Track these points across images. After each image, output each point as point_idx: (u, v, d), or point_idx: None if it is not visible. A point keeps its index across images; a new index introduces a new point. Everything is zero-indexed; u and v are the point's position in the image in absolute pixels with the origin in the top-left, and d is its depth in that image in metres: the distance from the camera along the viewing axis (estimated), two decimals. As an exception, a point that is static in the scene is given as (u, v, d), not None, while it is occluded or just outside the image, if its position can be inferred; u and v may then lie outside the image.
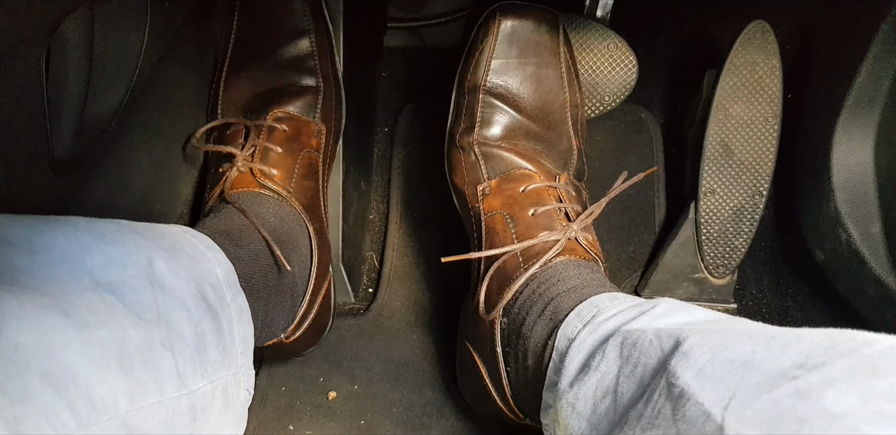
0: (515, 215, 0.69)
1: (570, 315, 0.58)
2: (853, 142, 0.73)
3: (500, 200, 0.71)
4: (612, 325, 0.53)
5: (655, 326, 0.50)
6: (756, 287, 0.89)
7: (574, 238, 0.66)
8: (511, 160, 0.73)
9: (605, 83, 0.79)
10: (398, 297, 0.90)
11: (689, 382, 0.41)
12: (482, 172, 0.73)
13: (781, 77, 0.78)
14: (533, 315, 0.62)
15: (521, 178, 0.71)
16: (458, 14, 1.03)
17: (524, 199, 0.70)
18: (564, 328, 0.57)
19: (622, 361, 0.49)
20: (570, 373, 0.54)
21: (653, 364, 0.46)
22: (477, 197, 0.73)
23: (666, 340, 0.46)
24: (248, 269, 0.63)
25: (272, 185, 0.70)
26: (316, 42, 0.79)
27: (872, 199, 0.73)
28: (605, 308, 0.57)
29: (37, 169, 0.57)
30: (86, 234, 0.48)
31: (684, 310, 0.52)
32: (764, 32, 0.77)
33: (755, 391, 0.37)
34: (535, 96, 0.75)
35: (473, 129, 0.75)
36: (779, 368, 0.38)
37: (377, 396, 0.79)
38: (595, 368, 0.51)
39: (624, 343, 0.50)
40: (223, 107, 0.79)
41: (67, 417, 0.38)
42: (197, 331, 0.51)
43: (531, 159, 0.73)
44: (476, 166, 0.74)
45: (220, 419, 0.54)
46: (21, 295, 0.39)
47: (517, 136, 0.74)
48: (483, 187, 0.72)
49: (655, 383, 0.44)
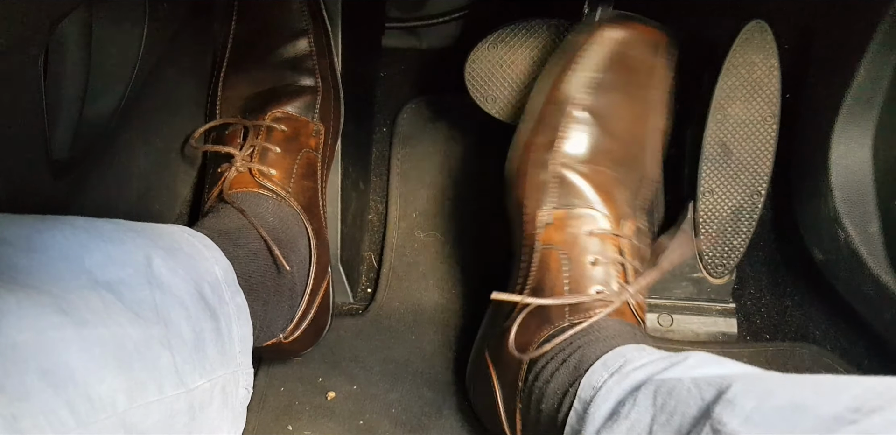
0: (573, 259, 0.66)
1: (596, 364, 0.57)
2: (851, 141, 0.74)
3: (560, 237, 0.67)
4: (642, 374, 0.52)
5: (691, 375, 0.49)
6: (754, 287, 0.89)
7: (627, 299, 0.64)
8: (584, 193, 0.68)
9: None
10: (397, 297, 0.90)
11: (737, 428, 0.40)
12: (549, 197, 0.68)
13: (780, 77, 0.78)
14: (556, 362, 0.61)
15: (587, 218, 0.67)
16: (457, 14, 1.03)
17: (586, 242, 0.66)
18: (589, 377, 0.56)
19: (656, 410, 0.48)
20: (597, 421, 0.52)
21: (692, 413, 0.45)
22: (535, 223, 0.69)
23: (706, 388, 0.45)
24: (247, 268, 0.63)
25: (271, 185, 0.70)
26: (314, 42, 0.79)
27: (871, 198, 0.73)
28: (632, 358, 0.56)
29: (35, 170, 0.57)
30: (84, 233, 0.48)
31: (717, 363, 0.51)
32: (762, 32, 0.77)
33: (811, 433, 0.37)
34: (628, 119, 0.71)
35: (553, 144, 0.69)
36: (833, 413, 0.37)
37: (376, 397, 0.79)
38: (625, 416, 0.50)
39: (658, 391, 0.49)
40: (222, 107, 0.79)
41: (66, 415, 0.38)
42: (195, 329, 0.51)
43: (606, 193, 0.68)
44: (544, 188, 0.69)
45: (218, 418, 0.54)
46: (19, 293, 0.39)
47: (600, 160, 0.69)
48: (545, 215, 0.68)
49: (697, 431, 0.43)
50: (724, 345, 0.85)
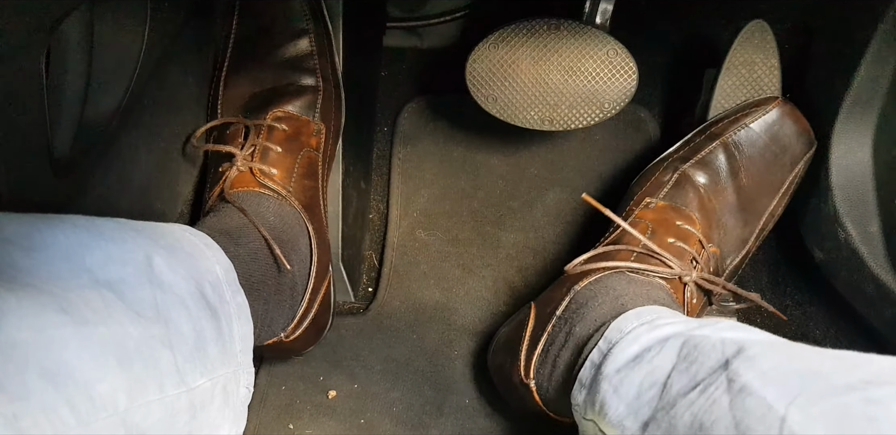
0: (658, 234, 0.71)
1: (629, 312, 0.60)
2: (851, 141, 0.74)
3: (654, 216, 0.73)
4: (673, 329, 0.55)
5: (720, 335, 0.51)
6: (755, 286, 0.90)
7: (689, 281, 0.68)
8: (690, 202, 0.73)
9: (605, 90, 0.79)
10: (398, 296, 0.90)
11: (752, 380, 0.42)
12: (661, 192, 0.75)
13: (780, 76, 0.79)
14: (598, 299, 0.64)
15: (685, 218, 0.72)
16: (458, 13, 1.03)
17: (675, 229, 0.71)
18: (620, 321, 0.59)
19: (679, 359, 0.50)
20: (620, 360, 0.55)
21: (711, 363, 0.47)
22: (639, 205, 0.74)
23: (730, 345, 0.47)
24: (248, 267, 0.63)
25: (272, 184, 0.71)
26: (315, 42, 0.79)
27: (871, 198, 0.73)
28: (665, 315, 0.59)
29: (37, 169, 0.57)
30: (85, 232, 0.48)
31: (747, 329, 0.53)
32: (763, 32, 0.77)
33: (822, 394, 0.38)
34: (754, 180, 0.76)
35: (689, 161, 0.76)
36: (846, 382, 0.39)
37: (377, 396, 0.79)
38: (648, 361, 0.52)
39: (685, 344, 0.51)
40: (223, 106, 0.79)
41: (67, 414, 0.38)
42: (196, 328, 0.51)
43: (706, 216, 0.73)
44: (662, 185, 0.75)
45: (219, 417, 0.54)
46: (20, 292, 0.39)
47: (716, 194, 0.75)
48: (651, 202, 0.74)
49: (712, 378, 0.45)
50: (724, 344, 0.85)
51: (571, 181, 0.96)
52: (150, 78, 0.70)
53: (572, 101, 0.80)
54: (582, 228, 0.94)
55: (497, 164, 0.98)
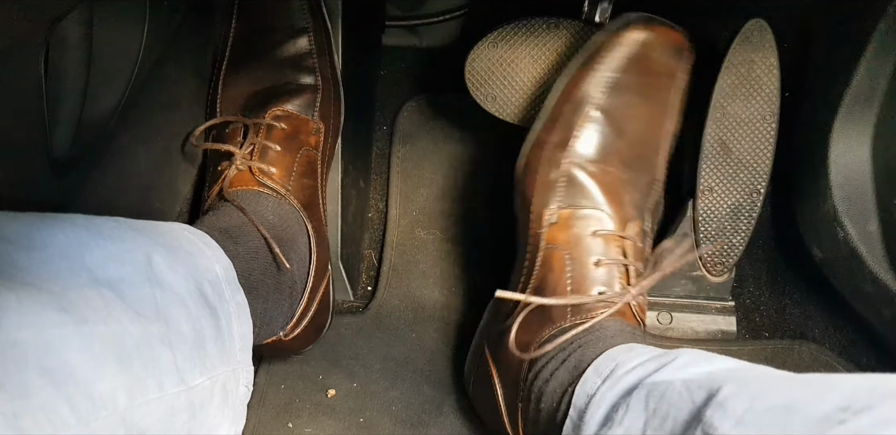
0: (576, 259, 0.66)
1: (588, 370, 0.57)
2: (851, 140, 0.74)
3: (564, 237, 0.68)
4: (633, 378, 0.53)
5: (681, 377, 0.49)
6: (754, 285, 0.90)
7: (630, 302, 0.64)
8: (591, 193, 0.68)
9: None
10: (397, 295, 0.90)
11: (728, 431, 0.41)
12: (556, 196, 0.69)
13: (779, 75, 0.78)
14: (556, 361, 0.62)
15: (592, 219, 0.67)
16: (457, 12, 1.03)
17: (590, 243, 0.66)
18: (583, 385, 0.56)
19: (648, 415, 0.48)
20: (591, 428, 0.53)
21: (683, 417, 0.45)
22: (541, 223, 0.69)
23: (696, 391, 0.46)
24: (247, 266, 0.63)
25: (271, 183, 0.71)
26: (314, 40, 0.79)
27: (870, 197, 0.73)
28: (623, 361, 0.56)
29: (36, 168, 0.57)
30: (84, 230, 0.48)
31: (706, 360, 0.52)
32: (762, 31, 0.77)
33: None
34: (641, 120, 0.71)
35: (567, 143, 0.69)
36: (822, 413, 0.37)
37: (376, 394, 0.79)
38: (619, 423, 0.50)
39: (650, 396, 0.49)
40: (222, 105, 0.79)
41: (66, 412, 0.38)
42: (195, 327, 0.51)
43: (613, 194, 0.69)
44: (553, 186, 0.69)
45: (218, 415, 0.54)
46: (19, 291, 0.39)
47: (610, 161, 0.69)
48: (551, 214, 0.68)
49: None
50: (723, 343, 0.85)
51: (570, 180, 0.96)
52: (149, 77, 0.70)
53: (571, 100, 0.80)
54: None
55: (496, 163, 0.98)
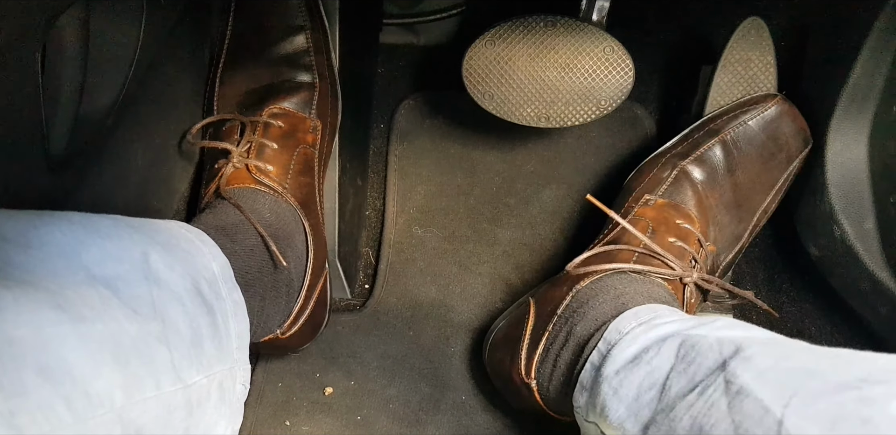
0: (657, 231, 0.71)
1: (628, 312, 0.60)
2: (847, 138, 0.74)
3: (654, 214, 0.73)
4: (670, 328, 0.55)
5: (717, 334, 0.51)
6: (751, 282, 0.90)
7: (689, 282, 0.68)
8: (689, 200, 0.74)
9: (602, 87, 0.79)
10: (394, 293, 0.90)
11: (749, 381, 0.43)
12: (660, 188, 0.75)
13: (776, 73, 0.79)
14: (599, 298, 0.65)
15: (685, 216, 0.72)
16: (455, 10, 1.03)
17: (675, 228, 0.71)
18: (618, 322, 0.59)
19: (677, 360, 0.51)
20: (618, 361, 0.55)
21: (708, 364, 0.48)
22: (638, 202, 0.74)
23: (727, 345, 0.48)
24: (244, 264, 0.63)
25: (268, 181, 0.71)
26: (312, 38, 0.79)
27: (866, 195, 0.73)
28: (663, 314, 0.59)
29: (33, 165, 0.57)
30: (81, 228, 0.48)
31: (744, 327, 0.54)
32: (759, 29, 0.77)
33: (817, 394, 0.39)
34: (751, 176, 0.77)
35: (687, 157, 0.76)
36: (841, 380, 0.40)
37: (373, 392, 0.79)
38: (647, 362, 0.53)
39: (683, 344, 0.51)
40: (219, 103, 0.79)
41: (63, 411, 0.38)
42: (192, 325, 0.51)
43: (704, 214, 0.74)
44: (661, 181, 0.75)
45: (216, 413, 0.54)
46: (16, 289, 0.39)
47: (713, 191, 0.75)
48: (650, 199, 0.74)
49: (710, 380, 0.46)
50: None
51: (568, 178, 0.96)
52: (146, 74, 0.70)
53: (569, 98, 0.80)
54: (578, 224, 0.94)
55: (493, 161, 0.98)
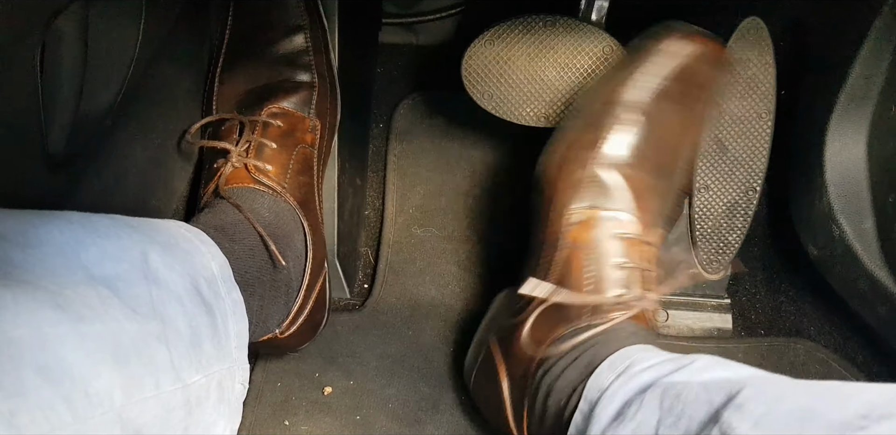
0: (597, 261, 0.65)
1: (603, 365, 0.57)
2: (846, 138, 0.74)
3: (588, 237, 0.66)
4: (648, 377, 0.53)
5: (699, 379, 0.49)
6: (749, 282, 0.90)
7: (648, 307, 0.64)
8: (618, 195, 0.67)
9: (601, 87, 0.79)
10: (393, 293, 0.90)
11: (747, 432, 0.41)
12: (582, 196, 0.68)
13: (775, 74, 0.79)
14: (568, 359, 0.61)
15: (617, 222, 0.67)
16: (454, 10, 1.03)
17: (613, 246, 0.66)
18: (596, 378, 0.57)
19: (663, 412, 0.48)
20: (602, 422, 0.53)
21: (700, 417, 0.45)
22: (563, 221, 0.68)
23: (716, 392, 0.46)
24: (243, 264, 0.63)
25: (267, 180, 0.71)
26: (311, 38, 0.79)
27: (865, 195, 0.73)
28: (638, 360, 0.56)
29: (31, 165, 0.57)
30: (80, 228, 0.48)
31: (724, 365, 0.52)
32: (758, 29, 0.77)
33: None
34: (675, 130, 0.70)
35: (596, 144, 0.68)
36: (843, 419, 0.38)
37: (373, 392, 0.79)
38: (631, 418, 0.50)
39: (665, 394, 0.49)
40: (218, 102, 0.79)
41: (63, 410, 0.38)
42: (192, 325, 0.51)
43: (640, 198, 0.67)
44: (578, 186, 0.68)
45: (215, 413, 0.54)
46: (15, 289, 0.39)
47: (640, 165, 0.68)
48: (574, 214, 0.67)
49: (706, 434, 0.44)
50: (718, 340, 0.85)
51: (567, 178, 0.96)
52: (145, 74, 0.70)
53: (568, 97, 0.80)
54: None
55: (493, 161, 0.98)
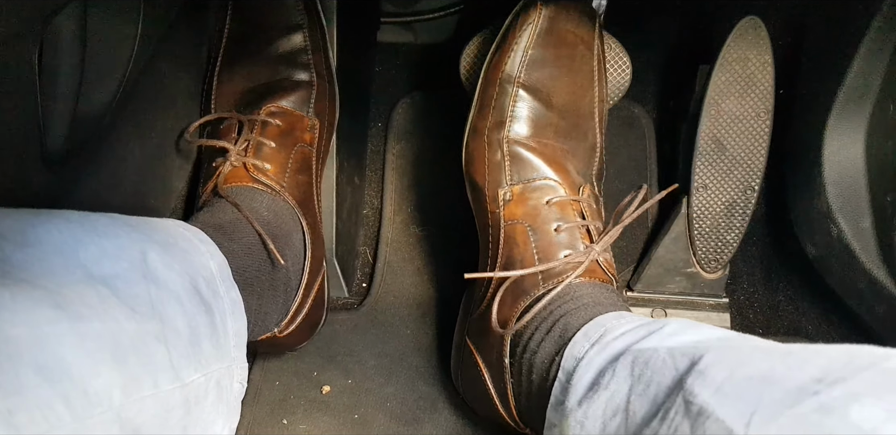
0: (538, 229, 0.68)
1: (578, 335, 0.58)
2: (844, 137, 0.74)
3: (522, 210, 0.69)
4: (621, 344, 0.54)
5: (667, 344, 0.50)
6: (748, 281, 0.90)
7: (596, 260, 0.66)
8: (537, 166, 0.70)
9: (599, 85, 0.79)
10: (392, 291, 0.90)
11: (707, 399, 0.41)
12: (506, 175, 0.70)
13: (773, 73, 0.79)
14: (541, 332, 0.62)
15: (545, 189, 0.69)
16: (452, 9, 1.03)
17: (547, 212, 0.68)
18: (571, 348, 0.57)
19: (633, 380, 0.49)
20: (579, 391, 0.54)
21: (667, 383, 0.46)
22: (497, 202, 0.70)
23: (680, 358, 0.47)
24: (242, 262, 0.63)
25: (265, 179, 0.71)
26: (309, 37, 0.79)
27: (863, 194, 0.73)
28: (612, 328, 0.57)
29: (29, 163, 0.57)
30: (78, 227, 0.48)
31: (694, 328, 0.52)
32: (756, 28, 0.77)
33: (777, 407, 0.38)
34: (567, 91, 0.72)
35: (504, 124, 0.71)
36: (798, 383, 0.38)
37: (371, 391, 0.79)
38: (605, 387, 0.51)
39: (635, 362, 0.50)
40: (217, 101, 0.79)
41: (62, 409, 0.38)
42: (190, 324, 0.51)
43: (557, 164, 0.70)
44: (500, 167, 0.71)
45: (213, 412, 0.54)
46: (14, 288, 0.39)
47: (546, 134, 0.71)
48: (504, 192, 0.70)
49: (671, 401, 0.44)
50: (717, 339, 0.85)
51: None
52: (143, 72, 0.70)
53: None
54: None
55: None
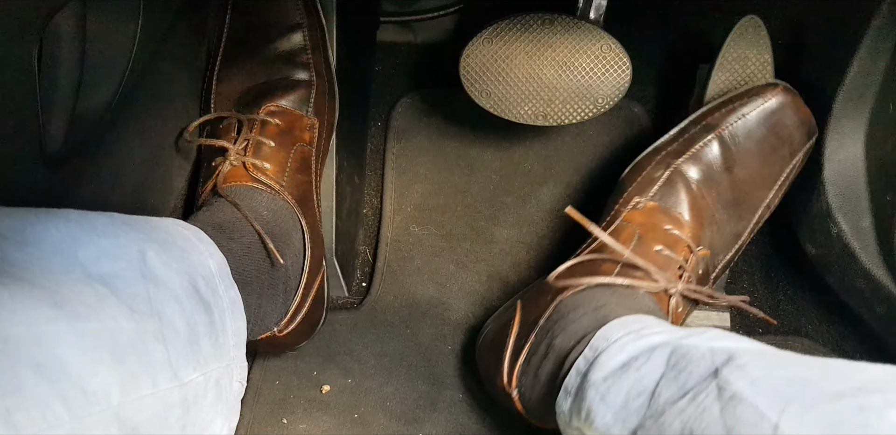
0: (644, 239, 0.70)
1: (615, 321, 0.59)
2: (844, 136, 0.74)
3: (642, 220, 0.71)
4: (660, 338, 0.55)
5: (708, 344, 0.51)
6: (748, 281, 0.90)
7: (674, 293, 0.67)
8: (680, 202, 0.72)
9: (599, 85, 0.79)
10: (391, 291, 0.90)
11: (742, 388, 0.42)
12: (651, 190, 0.73)
13: (773, 72, 0.79)
14: (584, 308, 0.64)
15: (674, 222, 0.71)
16: (452, 8, 1.03)
17: (662, 235, 0.70)
18: (606, 330, 0.59)
19: (667, 368, 0.50)
20: (606, 368, 0.55)
21: (700, 372, 0.47)
22: (627, 205, 0.73)
23: (719, 354, 0.47)
24: (241, 262, 0.63)
25: (265, 178, 0.71)
26: (309, 36, 0.79)
27: (863, 193, 0.73)
28: (650, 325, 0.58)
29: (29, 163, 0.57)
30: (77, 226, 0.48)
31: (735, 338, 0.53)
32: (756, 27, 0.77)
33: (814, 401, 0.38)
34: (751, 172, 0.74)
35: (682, 155, 0.74)
36: (837, 389, 0.39)
37: (371, 390, 0.79)
38: (636, 370, 0.52)
39: (674, 353, 0.51)
40: (216, 101, 0.79)
41: (60, 408, 0.38)
42: (189, 323, 0.51)
43: (697, 216, 0.72)
44: (652, 182, 0.74)
45: (212, 411, 0.54)
46: (12, 287, 0.39)
47: (709, 190, 0.73)
48: (639, 202, 0.73)
49: (702, 387, 0.45)
50: (717, 339, 0.85)
51: (565, 176, 0.96)
52: (143, 72, 0.70)
53: (566, 96, 0.80)
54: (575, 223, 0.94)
55: (491, 160, 0.98)
